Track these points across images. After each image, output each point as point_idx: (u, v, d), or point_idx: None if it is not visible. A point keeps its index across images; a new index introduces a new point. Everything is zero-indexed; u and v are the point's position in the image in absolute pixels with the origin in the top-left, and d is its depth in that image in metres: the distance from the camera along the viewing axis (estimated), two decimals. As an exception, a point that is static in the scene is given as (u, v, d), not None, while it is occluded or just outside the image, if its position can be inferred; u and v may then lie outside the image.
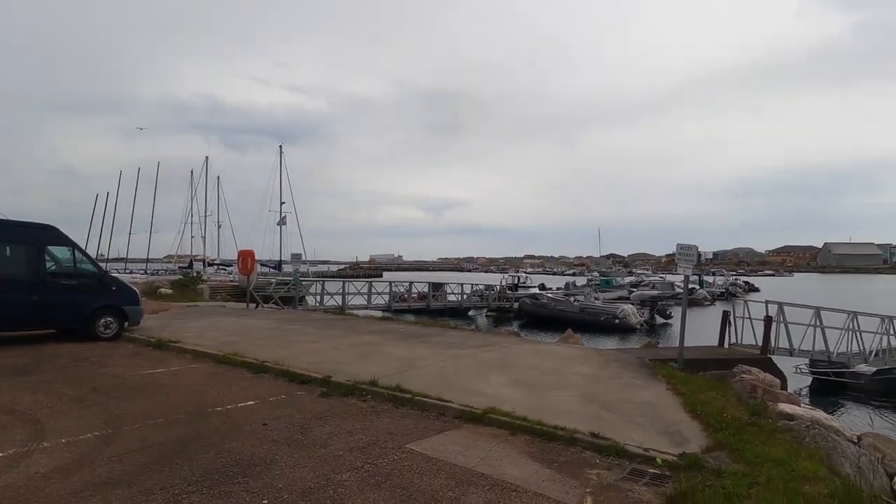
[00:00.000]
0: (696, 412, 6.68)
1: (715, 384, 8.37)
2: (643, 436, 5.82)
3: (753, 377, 8.30)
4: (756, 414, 6.74)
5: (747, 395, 7.63)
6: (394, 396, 6.99)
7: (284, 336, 11.86)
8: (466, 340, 12.03)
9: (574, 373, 8.86)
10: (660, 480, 4.80)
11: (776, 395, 7.79)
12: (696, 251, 10.15)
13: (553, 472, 4.89)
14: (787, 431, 6.14)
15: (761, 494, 4.39)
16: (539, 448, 5.50)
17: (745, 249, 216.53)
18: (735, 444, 5.56)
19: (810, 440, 5.83)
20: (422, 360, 9.45)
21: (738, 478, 4.67)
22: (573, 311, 31.11)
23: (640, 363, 9.71)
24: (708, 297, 48.84)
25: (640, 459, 5.25)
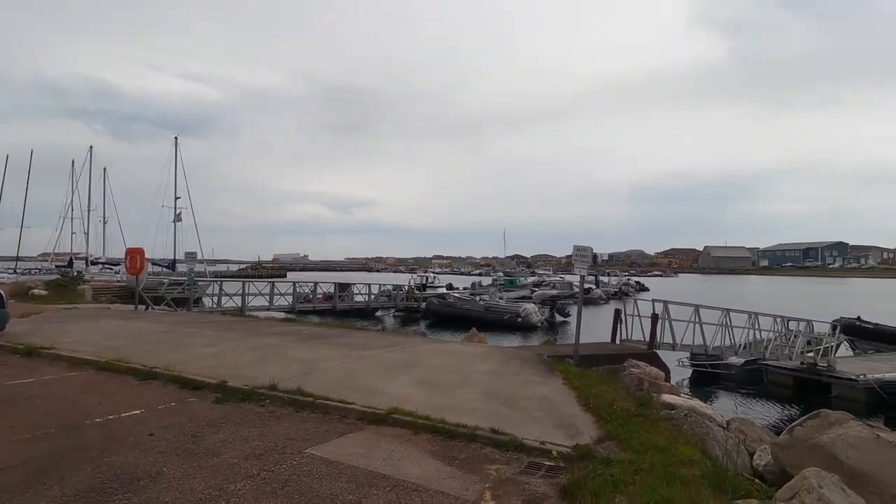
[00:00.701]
0: (589, 405, 7.07)
1: (607, 378, 8.90)
2: (540, 430, 6.07)
3: (641, 371, 8.92)
4: (642, 405, 7.24)
5: (635, 388, 8.18)
6: (294, 400, 6.78)
7: (177, 339, 11.15)
8: (372, 341, 11.93)
9: (477, 371, 9.06)
10: (555, 472, 5.03)
11: (660, 386, 8.42)
12: (591, 252, 10.73)
13: (454, 470, 4.97)
14: (669, 420, 6.66)
15: (644, 480, 4.72)
16: (441, 446, 5.56)
17: (637, 252, 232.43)
18: (623, 434, 5.94)
19: (688, 427, 6.35)
20: (325, 362, 9.25)
21: (624, 465, 4.99)
22: (479, 310, 31.81)
23: (539, 360, 10.11)
24: (603, 296, 51.82)
25: (538, 453, 5.47)
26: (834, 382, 15.01)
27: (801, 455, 5.64)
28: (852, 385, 14.53)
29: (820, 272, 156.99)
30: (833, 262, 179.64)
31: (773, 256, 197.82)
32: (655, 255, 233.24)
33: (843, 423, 5.56)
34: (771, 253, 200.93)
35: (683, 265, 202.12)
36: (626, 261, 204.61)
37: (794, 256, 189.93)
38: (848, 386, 14.62)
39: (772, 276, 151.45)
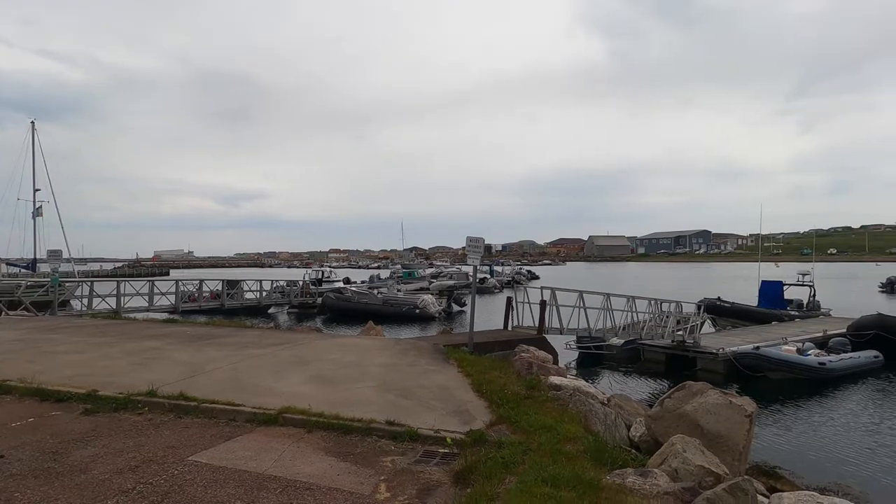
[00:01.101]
0: (482, 391, 7.29)
1: (499, 364, 9.22)
2: (436, 418, 6.17)
3: (530, 355, 9.34)
4: (532, 388, 7.59)
5: (525, 372, 8.56)
6: (176, 406, 6.35)
7: (37, 347, 10.00)
8: (263, 339, 11.47)
9: (373, 364, 9.01)
10: (449, 458, 5.13)
11: (548, 369, 8.87)
12: (483, 243, 11.05)
13: (349, 465, 4.92)
14: (556, 400, 7.03)
15: (533, 459, 4.96)
16: (335, 442, 5.48)
17: (528, 242, 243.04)
18: (514, 417, 6.19)
19: (573, 406, 6.75)
20: (212, 363, 8.75)
21: (515, 447, 5.20)
22: (377, 303, 31.65)
23: (436, 349, 10.26)
24: (497, 285, 53.61)
25: (433, 441, 5.55)
26: (699, 356, 16.65)
27: (670, 424, 6.21)
28: (713, 358, 16.21)
29: (688, 258, 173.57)
30: (699, 248, 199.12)
31: (648, 244, 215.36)
32: (545, 244, 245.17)
33: (704, 392, 6.20)
34: (647, 241, 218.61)
35: (571, 254, 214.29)
36: (518, 251, 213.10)
37: (667, 244, 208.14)
38: (710, 359, 16.29)
39: (648, 262, 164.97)
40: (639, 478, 4.65)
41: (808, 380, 15.08)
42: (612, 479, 4.69)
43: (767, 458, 9.12)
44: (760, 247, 51.11)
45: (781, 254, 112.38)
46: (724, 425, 5.89)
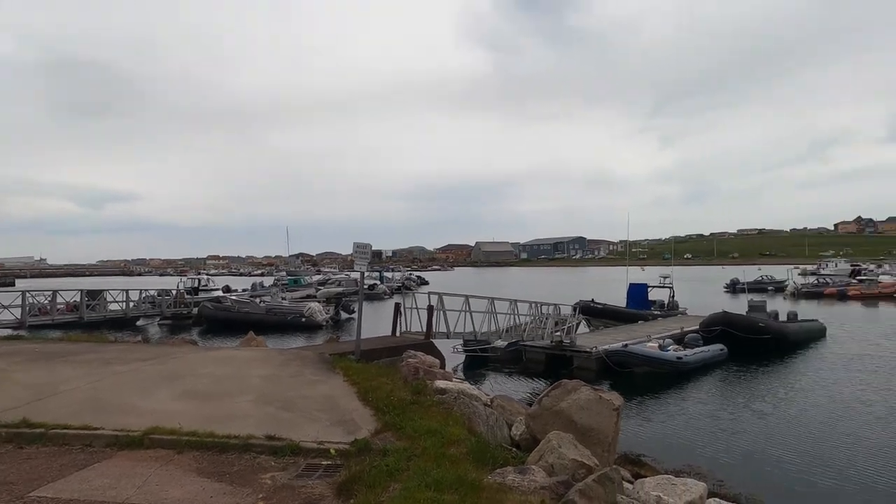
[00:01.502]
0: (368, 399, 7.21)
1: (386, 371, 9.19)
2: (319, 429, 6.00)
3: (417, 360, 9.41)
4: (418, 393, 7.64)
5: (412, 377, 8.60)
6: (17, 434, 5.61)
7: None
8: (129, 354, 10.49)
9: (253, 376, 8.59)
10: (333, 470, 5.01)
11: (434, 373, 8.98)
12: (370, 249, 10.96)
13: (224, 485, 4.63)
14: (441, 404, 7.14)
15: (418, 464, 4.99)
16: (210, 462, 5.14)
17: (418, 248, 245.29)
18: (400, 423, 6.19)
19: (457, 409, 6.89)
20: (66, 383, 7.84)
21: (399, 453, 5.20)
22: (259, 312, 30.24)
23: (321, 359, 10.00)
24: (387, 291, 53.47)
25: (316, 454, 5.39)
26: (575, 355, 17.74)
27: (547, 421, 6.54)
28: (588, 356, 17.36)
29: (566, 263, 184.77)
30: (575, 253, 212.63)
31: (530, 250, 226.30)
32: (435, 250, 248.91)
33: (577, 389, 6.61)
34: (529, 247, 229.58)
35: (459, 259, 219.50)
36: (408, 256, 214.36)
37: (547, 249, 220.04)
38: (584, 357, 17.43)
39: (530, 267, 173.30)
40: (518, 475, 4.84)
41: (668, 373, 16.63)
42: (494, 478, 4.85)
43: (634, 447, 9.93)
44: (628, 252, 55.43)
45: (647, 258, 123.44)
46: (595, 419, 6.32)
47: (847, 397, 14.15)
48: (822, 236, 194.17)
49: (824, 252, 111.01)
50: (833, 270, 68.37)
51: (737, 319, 21.43)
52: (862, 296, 46.28)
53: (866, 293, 46.91)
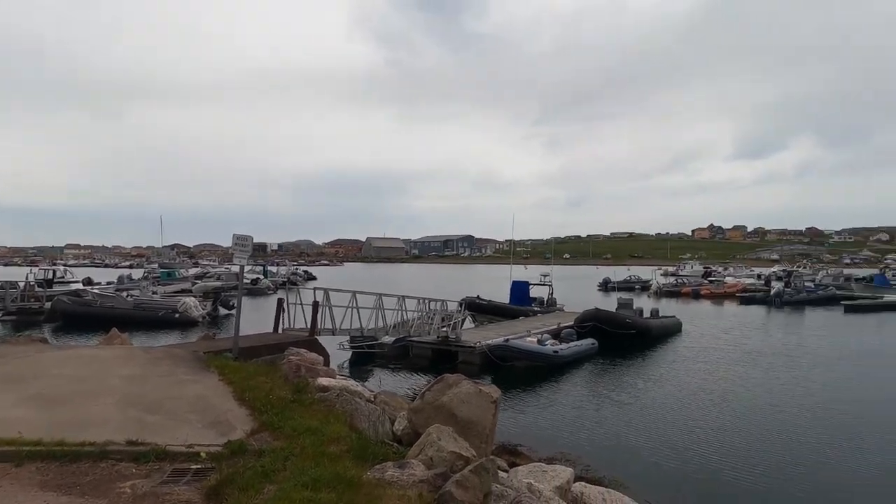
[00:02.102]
0: (245, 399, 6.91)
1: (266, 369, 8.85)
2: (189, 432, 5.65)
3: (300, 358, 9.15)
4: (299, 391, 7.44)
5: (293, 375, 8.35)
6: None
7: None
8: (-40, 355, 9.16)
9: (115, 376, 7.87)
10: (203, 475, 4.74)
11: (317, 371, 8.79)
12: (251, 241, 10.48)
13: (73, 498, 4.21)
14: (323, 402, 7.01)
15: (295, 464, 4.86)
16: (57, 473, 4.63)
17: (306, 242, 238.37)
18: (278, 423, 6.00)
19: (339, 406, 6.81)
20: None
21: (276, 454, 5.04)
22: (125, 307, 27.75)
23: (194, 357, 9.40)
24: (271, 286, 51.35)
25: (184, 458, 5.07)
26: (460, 350, 18.20)
27: (429, 415, 6.65)
28: (472, 351, 17.89)
29: (455, 260, 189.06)
30: (464, 251, 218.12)
31: (421, 246, 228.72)
32: (324, 244, 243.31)
33: (458, 383, 6.79)
34: (420, 243, 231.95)
35: (349, 255, 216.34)
36: (295, 250, 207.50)
37: (437, 247, 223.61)
38: (469, 352, 17.94)
39: (420, 263, 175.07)
40: (397, 470, 4.88)
41: (546, 366, 17.60)
42: (373, 474, 4.85)
43: (511, 438, 10.41)
44: (513, 251, 57.81)
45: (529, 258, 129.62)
46: (475, 412, 6.53)
47: (693, 386, 15.82)
48: (681, 241, 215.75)
49: (683, 255, 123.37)
50: (689, 272, 76.23)
51: (607, 316, 23.16)
52: (711, 294, 51.99)
53: (715, 292, 52.77)
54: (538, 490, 5.32)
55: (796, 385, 16.10)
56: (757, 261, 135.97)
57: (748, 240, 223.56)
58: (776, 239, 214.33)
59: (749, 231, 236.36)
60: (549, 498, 5.27)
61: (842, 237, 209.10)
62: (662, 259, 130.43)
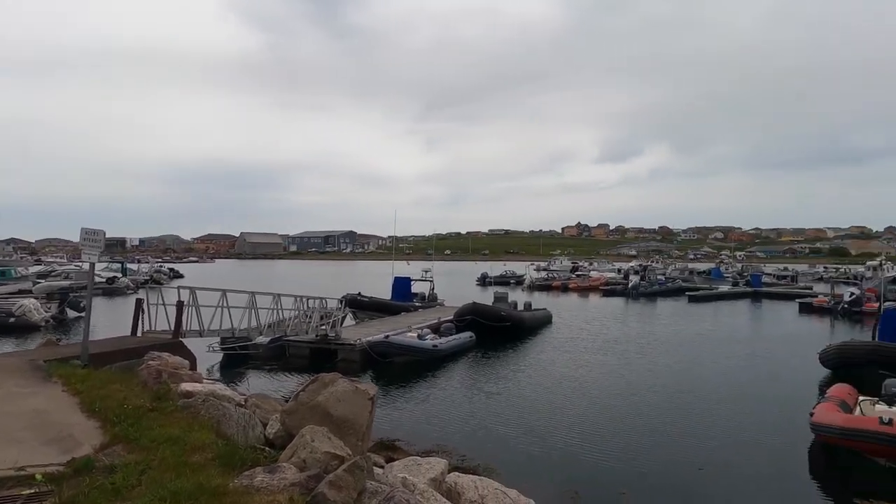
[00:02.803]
0: (94, 410, 6.26)
1: (120, 376, 8.08)
2: (22, 452, 4.99)
3: (161, 363, 8.47)
4: (159, 398, 6.89)
5: (153, 381, 7.72)
6: None
7: None
8: None
9: (-73, 394, 6.75)
10: (37, 500, 4.22)
11: (181, 376, 8.19)
12: (103, 236, 9.49)
13: None
14: (187, 409, 6.54)
15: (153, 477, 4.49)
16: None
17: (172, 237, 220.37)
18: (133, 435, 5.50)
19: (205, 412, 6.39)
20: None
21: (130, 468, 4.61)
22: (-56, 312, 23.87)
23: (32, 366, 8.33)
24: (131, 285, 46.94)
25: (14, 482, 4.47)
26: (339, 348, 17.92)
27: (303, 416, 6.47)
28: (352, 349, 17.70)
29: (336, 256, 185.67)
30: (346, 247, 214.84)
31: (300, 242, 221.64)
32: (192, 240, 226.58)
33: (334, 382, 6.67)
34: (299, 239, 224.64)
35: (221, 251, 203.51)
36: (160, 246, 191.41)
37: (317, 242, 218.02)
38: (349, 350, 17.72)
39: (299, 260, 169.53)
40: (267, 475, 4.70)
41: (425, 360, 17.88)
42: (241, 481, 4.62)
43: (390, 433, 10.46)
44: (395, 247, 58.11)
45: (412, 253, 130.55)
46: (351, 410, 6.46)
47: (559, 374, 16.95)
48: (552, 238, 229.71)
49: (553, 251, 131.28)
50: (559, 267, 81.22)
51: (483, 309, 24.05)
52: (578, 288, 56.01)
53: (581, 286, 56.94)
54: (412, 483, 5.40)
55: (645, 369, 17.88)
56: (618, 256, 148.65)
57: (610, 237, 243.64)
58: (634, 237, 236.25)
59: (611, 229, 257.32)
60: (424, 490, 5.37)
61: (687, 235, 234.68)
62: (535, 255, 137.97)
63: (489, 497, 5.91)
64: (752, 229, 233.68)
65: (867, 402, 11.02)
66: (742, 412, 12.89)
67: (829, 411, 10.20)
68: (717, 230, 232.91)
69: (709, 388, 15.32)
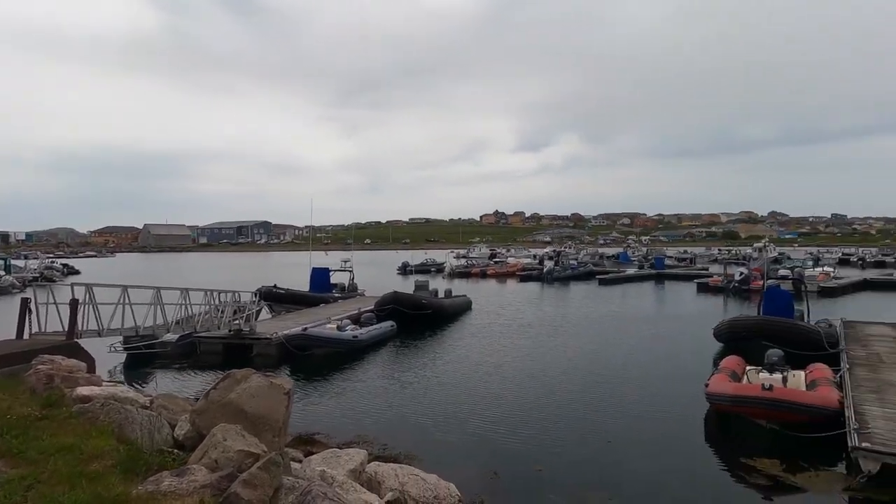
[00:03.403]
0: (-29, 423, 5.66)
1: (4, 383, 7.37)
2: None
3: (52, 366, 7.79)
4: (50, 405, 6.36)
5: (43, 387, 7.10)
6: None
7: None
8: None
9: None
10: None
11: (76, 380, 7.60)
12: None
13: None
14: (83, 414, 6.09)
15: (43, 491, 4.15)
16: None
17: (66, 230, 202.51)
18: (18, 447, 5.04)
19: (105, 417, 5.97)
20: None
21: (13, 484, 4.23)
22: None
23: None
24: (17, 283, 42.81)
25: None
26: (255, 343, 17.32)
27: (215, 415, 6.21)
28: (268, 343, 17.16)
29: (250, 248, 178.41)
30: (260, 238, 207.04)
31: (211, 234, 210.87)
32: (89, 233, 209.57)
33: (248, 378, 6.44)
34: (209, 230, 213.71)
35: (122, 244, 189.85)
36: (52, 240, 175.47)
37: (230, 234, 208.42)
38: (265, 344, 17.17)
39: (210, 252, 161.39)
40: (175, 479, 4.48)
41: (345, 352, 17.67)
42: (147, 487, 4.38)
43: (310, 427, 10.27)
44: (312, 237, 56.80)
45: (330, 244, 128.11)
46: (266, 406, 6.27)
47: (477, 359, 17.32)
48: (471, 226, 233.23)
49: (472, 239, 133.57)
50: (478, 254, 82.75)
51: (404, 298, 24.08)
52: (496, 274, 57.32)
53: (499, 272, 58.30)
54: (331, 476, 5.34)
55: (559, 351, 18.68)
56: (533, 243, 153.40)
57: (526, 224, 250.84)
58: (549, 223, 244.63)
59: (527, 216, 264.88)
60: (343, 482, 5.33)
61: (598, 221, 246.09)
62: (455, 243, 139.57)
63: (409, 483, 5.97)
64: (656, 215, 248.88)
65: (753, 371, 12.15)
66: (646, 387, 13.79)
67: (721, 381, 11.12)
68: (624, 216, 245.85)
69: (616, 367, 16.23)
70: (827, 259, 62.34)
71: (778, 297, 18.70)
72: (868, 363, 13.00)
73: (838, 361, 13.32)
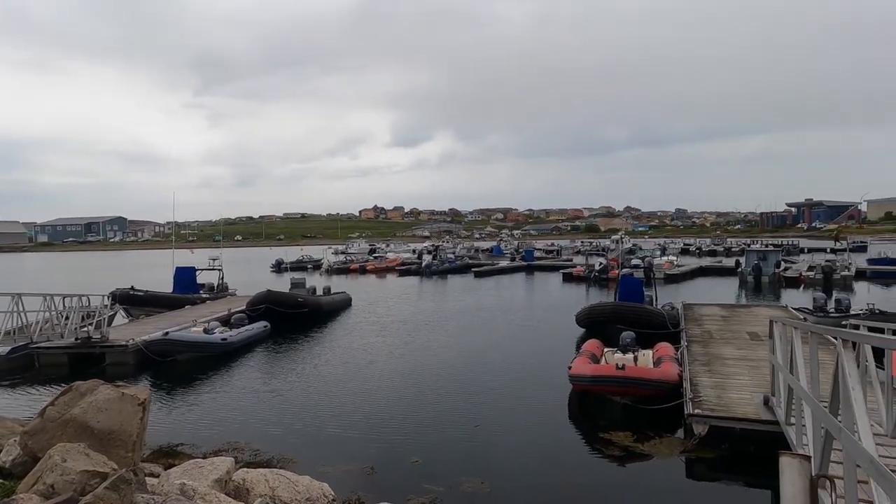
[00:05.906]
0: None
1: None
2: None
3: None
4: None
5: None
6: None
7: None
8: None
9: None
10: None
11: None
12: None
13: None
14: None
15: None
16: None
17: None
18: None
19: None
20: None
21: None
22: None
23: None
24: None
25: None
26: (107, 351, 15.71)
27: (54, 435, 5.56)
28: (123, 350, 15.65)
29: (102, 246, 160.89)
30: (114, 236, 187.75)
31: (53, 231, 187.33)
32: None
33: (94, 390, 5.83)
34: (51, 228, 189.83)
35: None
36: None
37: (76, 231, 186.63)
38: (120, 352, 15.65)
39: (52, 251, 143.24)
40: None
41: (215, 355, 16.62)
42: (-37, 525, 3.83)
43: (173, 438, 9.56)
44: (175, 234, 52.66)
45: (196, 241, 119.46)
46: (117, 420, 5.74)
47: (354, 358, 17.15)
48: (350, 221, 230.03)
49: (351, 234, 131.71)
50: (357, 249, 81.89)
51: (279, 296, 23.18)
52: (376, 269, 57.09)
53: (379, 267, 58.13)
54: (192, 488, 5.02)
55: (435, 344, 19.11)
56: (413, 237, 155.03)
57: (405, 219, 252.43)
58: (427, 218, 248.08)
59: (406, 211, 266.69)
60: (206, 493, 5.03)
61: (473, 216, 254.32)
62: (333, 238, 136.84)
63: (280, 488, 5.79)
64: (526, 210, 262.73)
65: (609, 353, 13.32)
66: (515, 373, 14.58)
67: (582, 363, 12.07)
68: (498, 211, 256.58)
69: (488, 356, 16.96)
70: (672, 249, 69.86)
71: (630, 285, 20.68)
72: (702, 340, 14.85)
73: (679, 339, 15.06)
